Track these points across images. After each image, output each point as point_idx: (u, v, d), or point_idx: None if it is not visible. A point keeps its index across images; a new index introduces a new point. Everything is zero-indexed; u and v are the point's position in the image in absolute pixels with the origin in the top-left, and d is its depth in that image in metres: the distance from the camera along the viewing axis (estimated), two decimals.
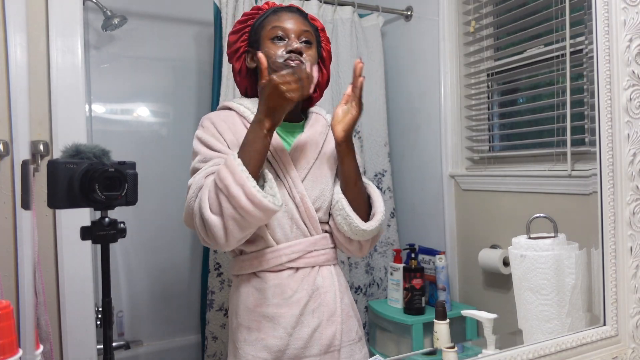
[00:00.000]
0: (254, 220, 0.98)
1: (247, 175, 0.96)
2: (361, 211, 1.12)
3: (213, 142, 1.08)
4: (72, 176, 0.80)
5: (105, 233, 0.82)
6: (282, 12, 1.14)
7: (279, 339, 1.06)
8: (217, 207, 0.97)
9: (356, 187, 1.12)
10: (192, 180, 1.05)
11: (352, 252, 1.16)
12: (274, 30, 1.11)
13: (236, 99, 1.21)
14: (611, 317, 1.17)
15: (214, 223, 0.97)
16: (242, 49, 1.16)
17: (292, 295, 1.08)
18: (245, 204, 0.95)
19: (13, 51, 0.76)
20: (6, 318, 0.61)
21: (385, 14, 2.03)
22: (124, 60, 1.88)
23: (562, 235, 1.13)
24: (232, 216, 0.96)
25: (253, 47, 1.15)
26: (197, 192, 1.02)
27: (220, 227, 0.97)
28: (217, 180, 0.98)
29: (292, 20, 1.12)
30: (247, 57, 1.16)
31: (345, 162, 1.11)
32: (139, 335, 1.87)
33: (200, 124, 1.14)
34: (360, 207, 1.12)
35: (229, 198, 0.96)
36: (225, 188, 0.96)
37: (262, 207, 0.96)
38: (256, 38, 1.14)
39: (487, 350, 1.07)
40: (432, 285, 1.80)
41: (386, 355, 1.72)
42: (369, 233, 1.11)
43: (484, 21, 1.80)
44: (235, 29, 1.17)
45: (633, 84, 1.16)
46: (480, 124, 1.85)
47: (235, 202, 0.95)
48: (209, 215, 0.97)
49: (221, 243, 0.99)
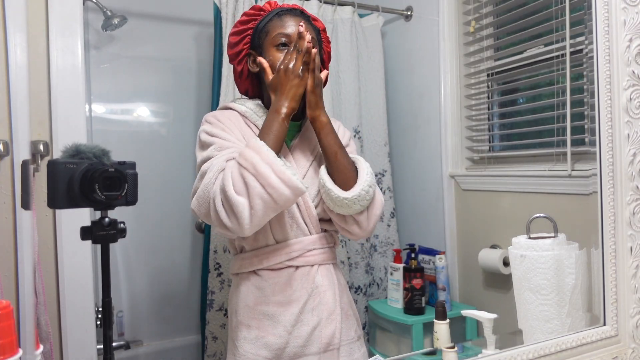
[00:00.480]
0: (282, 199, 0.96)
1: (274, 155, 0.96)
2: (347, 184, 1.07)
3: (224, 135, 1.07)
4: (72, 176, 0.80)
5: (105, 233, 0.82)
6: (285, 16, 1.12)
7: (278, 337, 1.07)
8: (243, 186, 0.95)
9: (337, 161, 1.08)
10: (209, 164, 1.02)
11: (353, 232, 1.11)
12: (279, 38, 1.10)
13: (237, 99, 1.20)
14: (611, 317, 1.17)
15: (239, 202, 0.94)
16: (245, 52, 1.16)
17: (292, 293, 1.09)
18: (274, 181, 0.94)
19: (13, 51, 0.76)
20: (6, 318, 0.61)
21: (385, 14, 2.03)
22: (124, 60, 1.88)
23: (562, 235, 1.14)
24: (260, 195, 0.94)
25: (256, 50, 1.14)
26: (218, 174, 0.99)
27: (247, 206, 0.95)
28: (241, 160, 0.96)
29: (296, 25, 1.10)
30: (249, 60, 1.16)
31: (321, 137, 1.09)
32: (139, 335, 1.87)
33: (204, 120, 1.12)
34: (345, 181, 1.07)
35: (256, 176, 0.94)
36: (252, 167, 0.94)
37: (292, 185, 0.95)
38: (259, 43, 1.13)
39: (487, 350, 1.07)
40: (432, 285, 1.80)
41: (386, 355, 1.72)
42: (352, 201, 1.05)
43: (484, 21, 1.80)
44: (236, 30, 1.15)
45: (633, 84, 1.16)
46: (480, 124, 1.85)
47: (264, 180, 0.94)
48: (233, 195, 0.94)
49: (245, 225, 0.95)
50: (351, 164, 1.10)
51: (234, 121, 1.12)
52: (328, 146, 1.08)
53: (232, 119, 1.12)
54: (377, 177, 2.00)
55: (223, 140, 1.06)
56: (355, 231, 1.11)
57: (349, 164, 1.10)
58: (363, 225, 1.10)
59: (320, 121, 1.08)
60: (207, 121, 1.11)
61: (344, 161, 1.09)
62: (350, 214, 1.08)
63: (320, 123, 1.08)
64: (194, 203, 1.02)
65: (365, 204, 1.07)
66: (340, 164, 1.08)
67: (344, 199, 1.05)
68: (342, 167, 1.08)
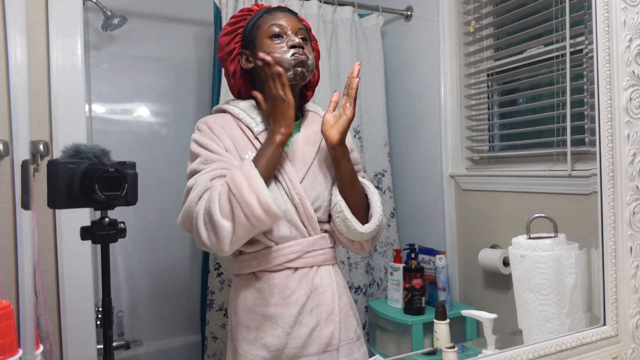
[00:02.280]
0: (263, 227, 1.01)
1: (263, 185, 0.98)
2: (359, 212, 1.12)
3: (212, 146, 1.08)
4: (72, 176, 0.80)
5: (105, 233, 0.82)
6: (275, 11, 1.15)
7: (277, 338, 1.07)
8: (229, 212, 0.97)
9: (353, 189, 1.13)
10: (194, 181, 1.04)
11: (354, 250, 1.18)
12: (272, 28, 1.11)
13: (231, 100, 1.20)
14: (611, 317, 1.17)
15: (224, 226, 0.97)
16: (237, 50, 1.16)
17: (291, 295, 1.09)
18: (258, 212, 0.97)
19: (13, 51, 0.76)
20: (6, 318, 0.61)
21: (385, 14, 2.03)
22: (124, 60, 1.88)
23: (562, 235, 1.13)
24: (243, 224, 0.97)
25: (248, 47, 1.14)
26: (202, 194, 1.01)
27: (230, 232, 0.97)
28: (230, 184, 0.98)
29: (286, 18, 1.14)
30: (242, 58, 1.16)
31: (341, 166, 1.11)
32: (139, 335, 1.87)
33: (196, 127, 1.13)
34: (358, 209, 1.12)
35: (241, 204, 0.97)
36: (239, 194, 0.97)
37: (273, 215, 0.98)
38: (251, 38, 1.14)
39: (487, 350, 1.07)
40: (432, 285, 1.80)
41: (386, 355, 1.72)
42: (367, 235, 1.12)
43: (484, 21, 1.80)
44: (226, 31, 1.17)
45: (633, 84, 1.16)
46: (480, 124, 1.85)
47: (248, 209, 0.96)
48: (219, 219, 0.97)
49: (225, 247, 0.99)
50: (363, 192, 1.16)
51: (225, 128, 1.12)
52: (345, 176, 1.12)
53: (225, 126, 1.12)
54: (377, 177, 2.00)
55: (210, 153, 1.07)
56: (357, 250, 1.18)
57: (362, 193, 1.16)
58: (366, 248, 1.18)
59: (343, 150, 1.11)
60: (198, 129, 1.12)
61: (359, 188, 1.15)
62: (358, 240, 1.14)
63: (342, 151, 1.11)
64: (179, 220, 1.06)
65: (374, 234, 1.14)
66: (356, 193, 1.14)
67: (361, 233, 1.11)
68: (355, 197, 1.13)
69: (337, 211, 1.11)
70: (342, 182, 1.12)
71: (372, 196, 1.15)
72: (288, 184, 1.10)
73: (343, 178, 1.12)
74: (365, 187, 1.17)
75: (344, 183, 1.12)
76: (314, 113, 1.21)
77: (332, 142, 1.09)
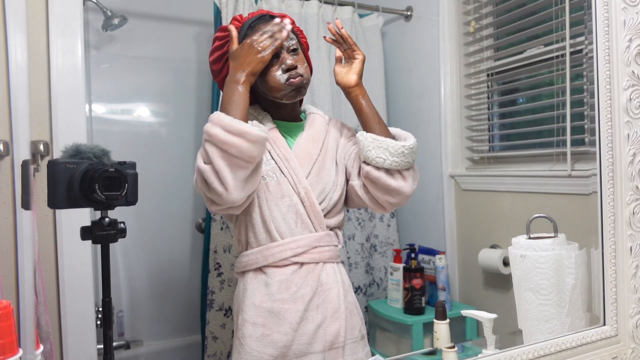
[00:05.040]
0: (238, 150, 0.97)
1: (225, 116, 0.99)
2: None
3: None
4: (72, 176, 0.80)
5: (105, 233, 0.82)
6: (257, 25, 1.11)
7: (284, 334, 1.08)
8: (205, 155, 0.99)
9: (380, 125, 1.13)
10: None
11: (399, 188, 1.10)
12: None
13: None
14: (611, 317, 1.17)
15: (205, 170, 0.99)
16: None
17: (297, 290, 1.10)
18: (224, 136, 0.97)
19: (13, 51, 0.76)
20: (6, 318, 0.62)
21: (385, 14, 2.03)
22: (124, 60, 1.88)
23: (562, 235, 1.13)
24: (218, 154, 0.98)
25: None
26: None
27: (212, 171, 0.98)
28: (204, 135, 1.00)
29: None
30: None
31: (363, 105, 1.14)
32: (139, 335, 1.87)
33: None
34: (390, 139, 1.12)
35: (210, 139, 0.98)
36: (207, 134, 0.99)
37: (240, 132, 0.97)
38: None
39: (487, 350, 1.07)
40: (432, 285, 1.80)
41: (386, 355, 1.72)
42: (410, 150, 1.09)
43: (484, 21, 1.80)
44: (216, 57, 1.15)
45: (633, 84, 1.16)
46: (480, 124, 1.85)
47: (216, 139, 0.97)
48: (201, 165, 0.99)
49: (219, 190, 0.98)
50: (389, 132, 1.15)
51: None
52: (370, 111, 1.15)
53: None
54: None
55: None
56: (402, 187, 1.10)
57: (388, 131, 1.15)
58: (409, 180, 1.12)
59: (362, 89, 1.15)
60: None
61: (384, 126, 1.15)
62: (402, 167, 1.10)
63: (362, 90, 1.15)
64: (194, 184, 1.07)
65: (415, 158, 1.13)
66: (383, 126, 1.14)
67: (402, 147, 1.09)
68: (385, 129, 1.14)
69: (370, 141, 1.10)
70: (368, 119, 1.14)
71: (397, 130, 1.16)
72: (294, 179, 1.11)
73: (368, 115, 1.14)
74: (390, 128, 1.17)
75: (369, 119, 1.14)
76: (315, 114, 1.23)
77: (352, 84, 1.14)
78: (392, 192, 1.11)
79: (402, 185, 1.11)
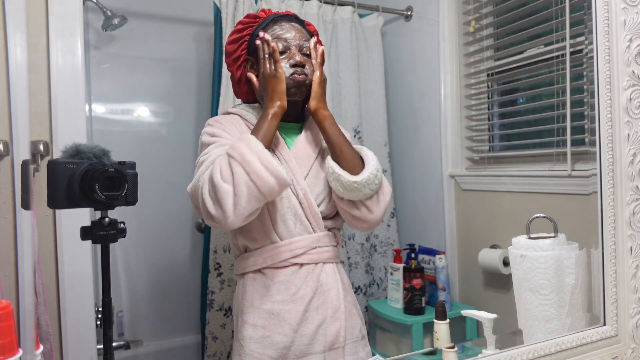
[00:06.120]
0: (266, 188, 0.97)
1: (262, 147, 0.99)
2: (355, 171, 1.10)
3: (224, 134, 1.10)
4: (72, 176, 0.80)
5: (105, 233, 0.82)
6: (281, 21, 1.15)
7: (284, 335, 1.08)
8: (229, 174, 0.96)
9: (343, 151, 1.11)
10: (205, 156, 1.05)
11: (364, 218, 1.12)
12: (275, 42, 1.12)
13: (237, 105, 1.23)
14: (611, 317, 1.17)
15: (224, 189, 0.95)
16: (243, 57, 1.17)
17: (297, 291, 1.10)
18: (259, 169, 0.96)
19: (13, 51, 0.76)
20: (6, 318, 0.61)
21: (385, 14, 2.03)
22: (124, 60, 1.88)
23: (562, 235, 1.13)
24: (245, 182, 0.95)
25: (253, 55, 1.16)
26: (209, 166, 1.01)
27: (231, 194, 0.95)
28: (230, 151, 0.99)
29: (292, 30, 1.14)
30: (247, 65, 1.17)
31: (326, 130, 1.12)
32: (139, 335, 1.87)
33: (207, 123, 1.15)
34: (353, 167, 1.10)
35: (242, 164, 0.96)
36: (240, 155, 0.97)
37: (277, 174, 0.97)
38: (256, 47, 1.14)
39: (487, 350, 1.07)
40: (432, 285, 1.80)
41: (386, 355, 1.72)
42: (362, 185, 1.07)
43: (484, 21, 1.80)
44: (233, 38, 1.18)
45: (633, 84, 1.16)
46: (480, 124, 1.85)
47: (249, 167, 0.96)
48: (219, 182, 0.96)
49: (228, 213, 0.95)
50: (356, 153, 1.14)
51: (235, 124, 1.15)
52: (333, 136, 1.12)
53: (234, 122, 1.15)
54: None
55: (223, 139, 1.09)
56: (366, 216, 1.11)
57: (355, 153, 1.13)
58: (373, 210, 1.11)
59: (323, 113, 1.12)
60: (209, 124, 1.14)
61: (349, 150, 1.12)
62: (360, 198, 1.10)
63: (322, 115, 1.12)
64: (189, 189, 1.05)
65: (374, 188, 1.10)
66: (347, 153, 1.11)
67: (353, 183, 1.07)
68: (349, 156, 1.11)
69: (330, 173, 1.10)
70: (332, 145, 1.12)
71: (367, 154, 1.13)
72: (293, 180, 1.11)
73: (332, 141, 1.12)
74: (360, 150, 1.14)
75: (333, 145, 1.11)
76: None
77: (311, 109, 1.12)
78: (358, 220, 1.13)
79: (365, 214, 1.11)
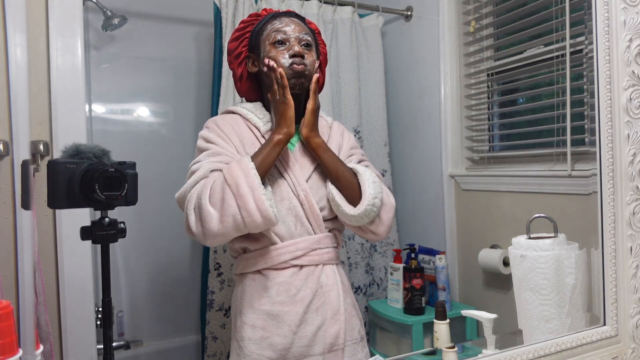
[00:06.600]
0: (253, 225, 1.00)
1: (259, 181, 0.99)
2: (353, 197, 1.11)
3: (219, 141, 1.11)
4: (72, 176, 0.80)
5: (105, 233, 0.82)
6: (281, 16, 1.16)
7: (283, 337, 1.07)
8: (219, 201, 0.98)
9: (340, 176, 1.12)
10: (198, 165, 1.06)
11: (370, 238, 1.17)
12: (275, 35, 1.13)
13: (239, 103, 1.23)
14: (611, 317, 1.17)
15: (210, 213, 0.98)
16: (244, 54, 1.18)
17: (297, 293, 1.09)
18: (251, 206, 0.98)
19: (13, 51, 0.76)
20: (6, 318, 0.61)
21: (385, 14, 2.03)
22: (124, 60, 1.88)
23: (562, 235, 1.13)
24: (233, 214, 0.98)
25: (254, 52, 1.17)
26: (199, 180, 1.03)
27: (216, 218, 0.98)
28: (226, 175, 1.00)
29: (292, 24, 1.15)
30: (249, 62, 1.18)
31: (320, 156, 1.13)
32: (139, 335, 1.87)
33: (205, 125, 1.15)
34: (352, 192, 1.12)
35: (236, 196, 0.98)
36: (235, 185, 0.98)
37: (266, 215, 0.99)
38: (257, 43, 1.16)
39: (487, 350, 1.07)
40: (432, 285, 1.80)
41: (386, 355, 1.72)
42: (359, 217, 1.10)
43: (484, 21, 1.80)
44: (234, 36, 1.19)
45: (633, 84, 1.16)
46: (480, 124, 1.85)
47: (241, 201, 0.97)
48: (206, 205, 0.98)
49: (208, 235, 0.99)
50: (353, 176, 1.14)
51: (234, 126, 1.14)
52: (328, 163, 1.13)
53: (233, 124, 1.15)
54: None
55: (216, 147, 1.10)
56: (371, 237, 1.16)
57: (352, 177, 1.13)
58: (377, 231, 1.14)
59: (315, 141, 1.13)
60: (206, 126, 1.15)
61: (346, 174, 1.13)
62: (361, 224, 1.12)
63: (314, 143, 1.13)
64: (177, 195, 1.07)
65: (373, 216, 1.11)
66: (344, 179, 1.12)
67: (352, 216, 1.10)
68: (346, 182, 1.12)
69: (331, 199, 1.13)
70: (328, 171, 1.13)
71: (363, 179, 1.13)
72: (294, 181, 1.11)
73: (327, 166, 1.13)
74: (358, 173, 1.15)
75: (329, 171, 1.13)
76: (320, 117, 1.22)
77: (303, 137, 1.13)
78: (365, 237, 1.17)
79: (369, 235, 1.15)
